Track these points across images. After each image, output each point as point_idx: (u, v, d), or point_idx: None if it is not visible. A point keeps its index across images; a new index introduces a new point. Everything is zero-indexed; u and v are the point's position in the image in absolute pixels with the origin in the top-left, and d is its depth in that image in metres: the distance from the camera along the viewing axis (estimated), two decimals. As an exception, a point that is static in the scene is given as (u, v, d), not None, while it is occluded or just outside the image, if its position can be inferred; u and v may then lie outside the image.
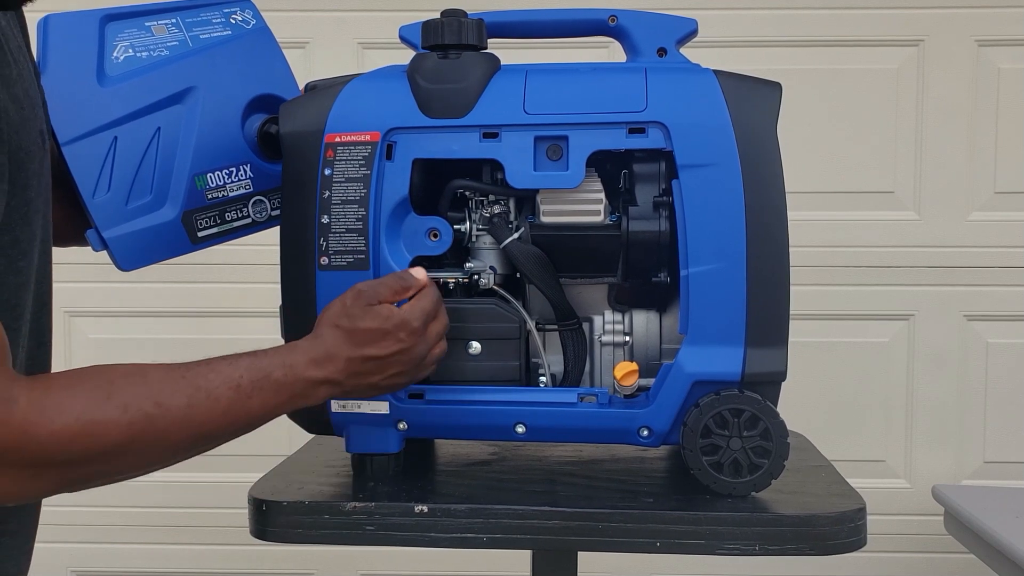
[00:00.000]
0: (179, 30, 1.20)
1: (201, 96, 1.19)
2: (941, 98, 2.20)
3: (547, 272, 1.16)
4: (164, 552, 2.32)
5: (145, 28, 1.19)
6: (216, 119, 1.20)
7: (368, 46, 2.22)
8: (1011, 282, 2.21)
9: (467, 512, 1.06)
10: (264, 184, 1.23)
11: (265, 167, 1.23)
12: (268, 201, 1.24)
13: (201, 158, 1.19)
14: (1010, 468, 2.25)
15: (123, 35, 1.17)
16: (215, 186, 1.20)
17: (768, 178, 1.10)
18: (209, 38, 1.22)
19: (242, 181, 1.22)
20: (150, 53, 1.18)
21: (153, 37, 1.19)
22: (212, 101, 1.20)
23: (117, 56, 1.16)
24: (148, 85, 1.17)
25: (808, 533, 1.04)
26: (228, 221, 1.21)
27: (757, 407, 1.08)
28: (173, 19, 1.21)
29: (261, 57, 1.25)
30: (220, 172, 1.21)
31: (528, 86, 1.13)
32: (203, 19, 1.22)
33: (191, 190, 1.19)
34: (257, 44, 1.26)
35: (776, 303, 1.10)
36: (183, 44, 1.20)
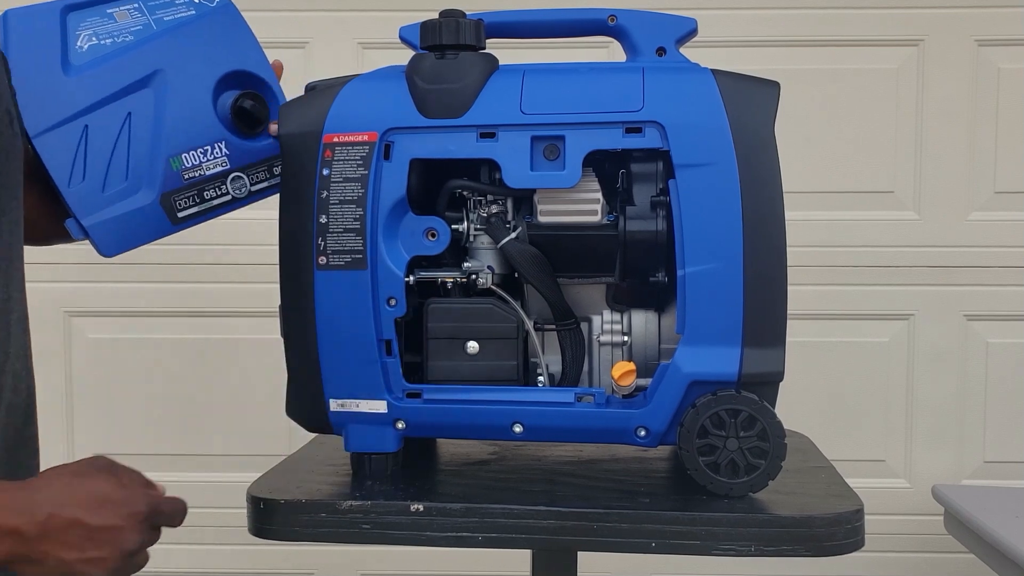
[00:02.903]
0: (142, 14, 1.20)
1: (169, 78, 1.20)
2: (941, 98, 2.20)
3: (544, 272, 1.16)
4: (164, 552, 2.32)
5: (107, 16, 1.19)
6: (186, 99, 1.21)
7: (368, 46, 2.22)
8: (1011, 282, 2.21)
9: (462, 511, 1.06)
10: (241, 160, 1.24)
11: (241, 143, 1.23)
12: (247, 176, 1.24)
13: (174, 139, 1.20)
14: (1010, 468, 2.25)
15: (85, 24, 1.18)
16: (191, 166, 1.21)
17: (766, 178, 1.10)
18: (173, 19, 1.22)
19: (218, 159, 1.22)
20: (114, 40, 1.19)
21: (116, 24, 1.19)
22: (180, 82, 1.20)
23: (81, 45, 1.17)
24: (114, 71, 1.18)
25: (804, 534, 1.04)
26: (208, 200, 1.22)
27: (754, 407, 1.08)
28: (135, 3, 1.21)
29: (227, 34, 1.25)
30: (195, 152, 1.21)
31: (525, 86, 1.13)
32: (166, 1, 1.22)
33: (167, 172, 1.19)
34: (222, 21, 1.25)
35: (773, 303, 1.10)
36: (147, 28, 1.20)
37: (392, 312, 1.13)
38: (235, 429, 2.23)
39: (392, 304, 1.13)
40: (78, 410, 2.30)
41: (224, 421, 2.25)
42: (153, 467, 2.39)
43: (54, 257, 1.77)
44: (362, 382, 1.14)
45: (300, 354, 1.16)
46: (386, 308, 1.13)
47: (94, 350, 2.28)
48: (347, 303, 1.13)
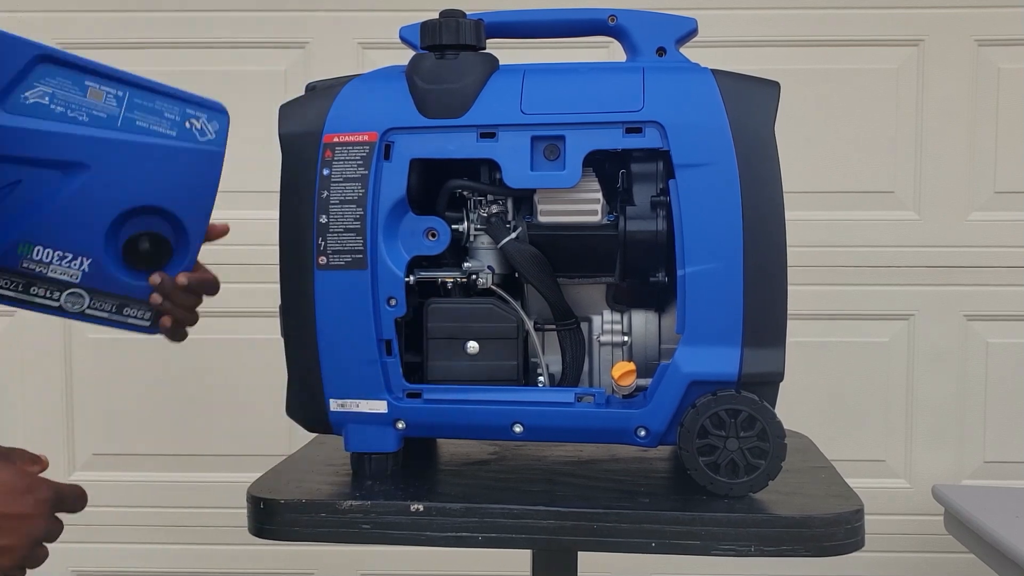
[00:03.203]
0: (117, 105, 1.07)
1: (88, 178, 1.08)
2: (941, 98, 2.20)
3: (545, 272, 1.16)
4: (164, 552, 2.32)
5: (80, 86, 1.06)
6: (87, 205, 1.09)
7: (368, 46, 2.22)
8: (1011, 282, 2.21)
9: (462, 511, 1.06)
10: (95, 283, 1.13)
11: (112, 271, 1.13)
12: (89, 298, 1.14)
13: (42, 230, 1.08)
14: (1010, 468, 2.25)
15: (50, 81, 1.05)
16: (37, 260, 1.10)
17: (766, 178, 1.10)
18: (145, 129, 1.09)
19: (71, 270, 1.11)
20: (65, 111, 1.06)
21: (82, 99, 1.06)
22: (96, 188, 1.08)
23: (27, 96, 1.04)
24: (37, 138, 1.05)
25: (804, 534, 1.04)
26: (31, 295, 1.11)
27: (754, 408, 1.08)
28: (121, 91, 1.07)
29: (189, 177, 1.12)
30: (53, 251, 1.10)
31: (525, 86, 1.13)
32: (155, 107, 1.09)
33: (7, 252, 1.08)
34: (195, 164, 1.12)
35: (773, 303, 1.10)
36: (110, 120, 1.07)
37: (392, 312, 1.13)
38: (235, 429, 2.23)
39: (392, 304, 1.13)
40: (78, 410, 2.30)
41: (224, 421, 2.25)
42: (153, 467, 2.40)
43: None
44: (362, 382, 1.14)
45: (300, 354, 1.16)
46: (386, 308, 1.14)
47: (94, 350, 2.28)
48: (347, 303, 1.13)
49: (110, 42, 2.24)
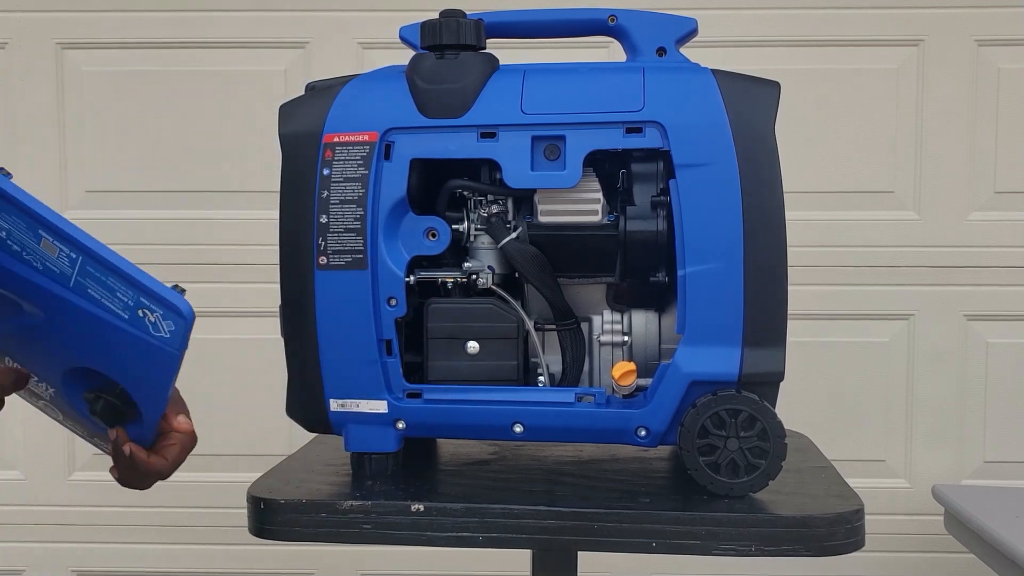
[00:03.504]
0: (70, 266, 0.95)
1: (42, 325, 0.98)
2: (941, 98, 2.20)
3: (545, 272, 1.16)
4: (164, 552, 2.32)
5: (34, 234, 0.94)
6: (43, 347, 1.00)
7: (368, 46, 2.22)
8: (1011, 282, 2.21)
9: (463, 511, 1.06)
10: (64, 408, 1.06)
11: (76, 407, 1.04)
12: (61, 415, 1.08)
13: (8, 345, 1.02)
14: (1010, 468, 2.25)
15: (6, 216, 0.93)
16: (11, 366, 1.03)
17: (766, 178, 1.10)
18: (97, 300, 0.96)
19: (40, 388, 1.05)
20: (21, 252, 0.94)
21: (36, 246, 0.94)
22: (50, 337, 0.99)
23: None
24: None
25: (805, 534, 1.04)
26: None
27: (754, 407, 1.08)
28: (75, 254, 0.94)
29: (140, 363, 0.98)
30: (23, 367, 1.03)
31: (526, 86, 1.13)
32: (108, 283, 0.95)
33: None
34: (146, 355, 0.97)
35: (774, 303, 1.10)
36: (63, 278, 0.95)
37: (392, 312, 1.13)
38: (235, 429, 2.23)
39: (392, 304, 1.13)
40: (78, 410, 2.29)
41: (224, 421, 2.25)
42: (153, 467, 2.34)
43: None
44: (362, 382, 1.14)
45: (300, 354, 1.16)
46: (386, 308, 1.14)
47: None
48: (347, 303, 1.13)
49: (110, 42, 2.24)
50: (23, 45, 2.25)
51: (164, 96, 2.26)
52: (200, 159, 2.26)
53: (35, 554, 2.32)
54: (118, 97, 2.26)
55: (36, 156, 2.26)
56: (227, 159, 2.25)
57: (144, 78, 2.26)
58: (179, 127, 2.25)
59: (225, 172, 2.25)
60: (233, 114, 2.24)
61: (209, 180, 2.25)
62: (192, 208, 2.24)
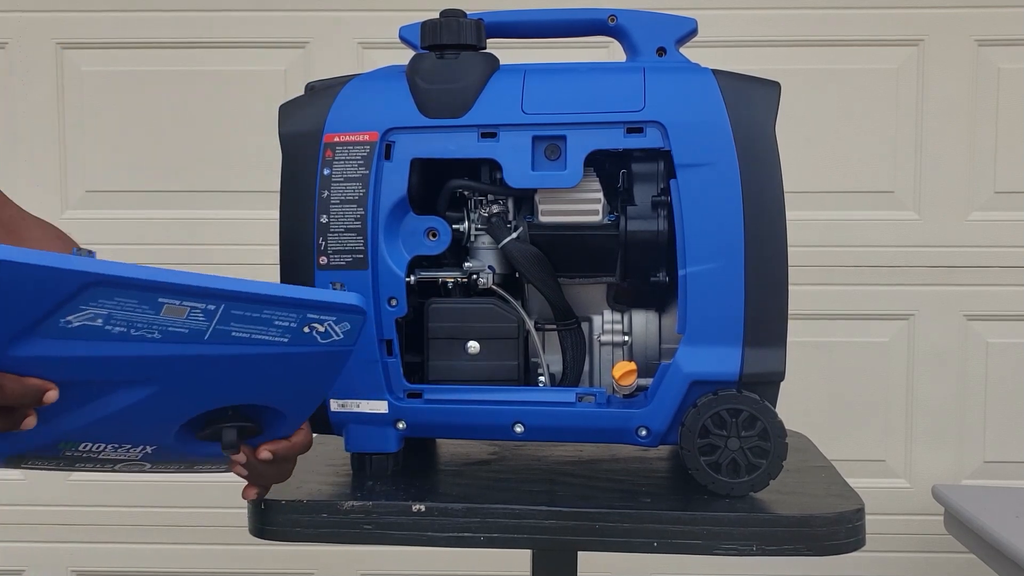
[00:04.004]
0: (206, 319, 0.84)
1: (158, 390, 0.88)
2: (941, 98, 2.20)
3: (545, 272, 1.16)
4: (164, 552, 2.32)
5: (154, 304, 0.82)
6: (150, 413, 0.90)
7: (368, 46, 2.22)
8: (1011, 282, 2.21)
9: (464, 511, 1.06)
10: (160, 458, 0.97)
11: (181, 450, 0.96)
12: (150, 466, 0.98)
13: (90, 433, 0.89)
14: (1010, 468, 2.25)
15: (108, 302, 0.80)
16: (84, 450, 0.91)
17: (767, 177, 1.10)
18: (244, 339, 0.87)
19: (130, 455, 0.94)
20: (127, 331, 0.82)
21: (154, 317, 0.83)
22: (168, 398, 0.89)
23: (71, 320, 0.79)
24: (80, 363, 0.82)
25: (805, 533, 1.04)
26: (75, 468, 0.95)
27: (755, 407, 1.08)
28: (213, 305, 0.84)
29: (298, 377, 0.93)
30: (106, 444, 0.92)
31: (526, 86, 1.13)
32: (261, 317, 0.87)
33: (47, 447, 0.89)
34: (309, 366, 0.92)
35: (774, 303, 1.10)
36: (194, 335, 0.85)
37: (393, 312, 1.13)
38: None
39: (393, 304, 1.13)
40: (78, 410, 2.29)
41: (224, 421, 2.25)
42: (153, 467, 2.33)
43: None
44: (363, 382, 1.14)
45: (301, 354, 1.16)
46: (387, 308, 1.13)
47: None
48: (348, 303, 1.13)
49: (110, 42, 2.24)
50: (23, 45, 2.25)
51: (164, 96, 2.26)
52: (200, 159, 2.26)
53: (35, 554, 2.32)
54: (118, 97, 2.26)
55: (36, 156, 2.26)
56: (227, 159, 2.25)
57: (144, 78, 2.26)
58: (179, 127, 2.25)
59: (225, 172, 2.25)
60: (233, 114, 2.24)
61: (209, 180, 2.25)
62: (192, 208, 2.24)
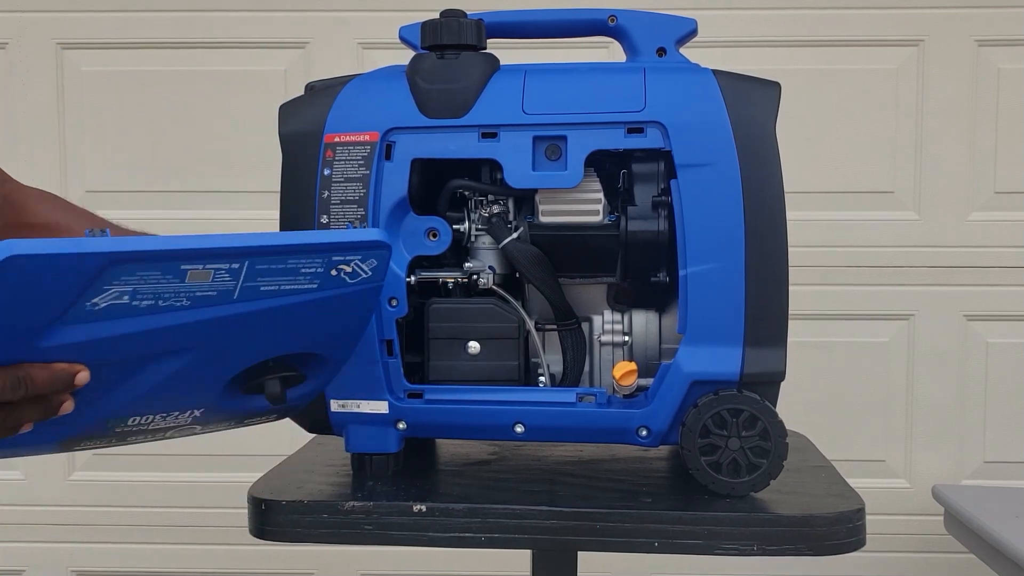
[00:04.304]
0: (232, 278, 0.83)
1: (196, 356, 0.87)
2: (941, 98, 2.20)
3: (546, 272, 1.16)
4: (164, 552, 2.32)
5: (177, 272, 0.80)
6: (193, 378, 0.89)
7: (368, 46, 2.22)
8: (1011, 282, 2.21)
9: (465, 512, 1.06)
10: (209, 419, 0.97)
11: (226, 406, 0.95)
12: (200, 428, 0.97)
13: (136, 406, 0.88)
14: (1010, 468, 2.25)
15: (130, 278, 0.78)
16: (131, 426, 0.90)
17: (767, 178, 1.10)
18: (273, 292, 0.86)
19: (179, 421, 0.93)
20: (156, 303, 0.81)
21: (179, 285, 0.81)
22: (207, 361, 0.88)
23: (98, 302, 0.78)
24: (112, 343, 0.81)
25: (806, 533, 1.04)
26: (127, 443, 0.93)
27: (756, 407, 1.08)
28: (236, 263, 0.83)
29: (333, 320, 0.92)
30: (154, 415, 0.90)
31: (527, 86, 1.13)
32: (287, 268, 0.86)
33: (95, 428, 0.88)
34: (342, 306, 0.92)
35: (775, 303, 1.10)
36: (222, 296, 0.84)
37: (393, 312, 1.13)
38: (235, 429, 2.23)
39: (393, 304, 1.13)
40: (78, 410, 2.29)
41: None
42: (155, 467, 2.40)
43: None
44: (363, 382, 1.14)
45: (301, 354, 1.16)
46: (387, 308, 1.13)
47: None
48: (348, 303, 1.13)
49: (110, 42, 2.24)
50: (23, 45, 2.25)
51: (164, 96, 2.26)
52: (200, 159, 2.26)
53: (35, 554, 2.32)
54: (118, 97, 2.26)
55: (36, 156, 2.26)
56: (227, 159, 2.25)
57: (144, 78, 2.26)
58: (179, 127, 2.25)
59: (225, 172, 2.25)
60: (233, 114, 2.24)
61: (209, 180, 2.25)
62: (192, 208, 2.24)
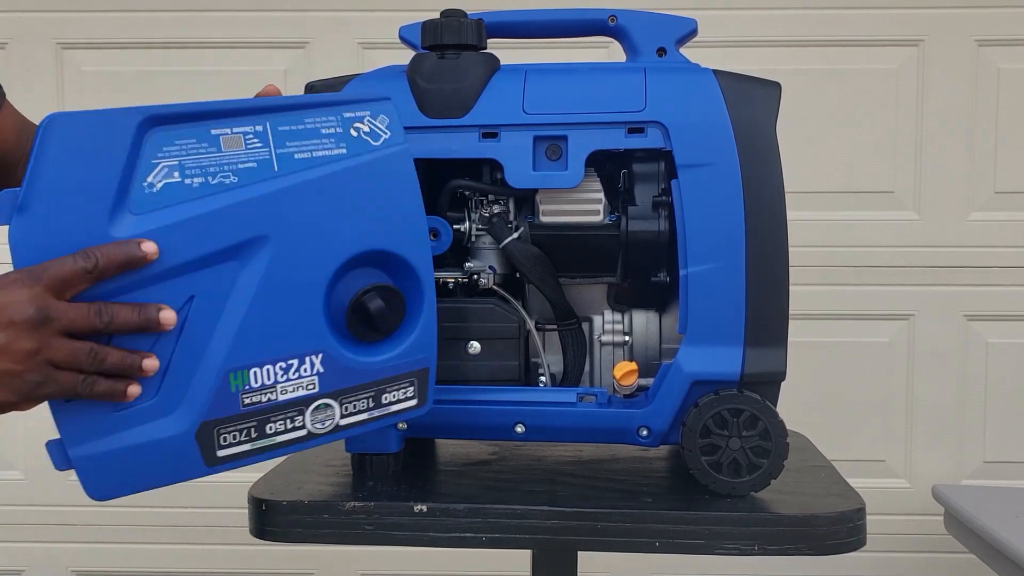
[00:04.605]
0: (263, 144, 0.83)
1: (271, 251, 0.84)
2: (941, 98, 2.20)
3: (546, 272, 1.16)
4: (164, 552, 2.32)
5: (210, 138, 0.81)
6: (286, 286, 0.85)
7: (368, 46, 2.22)
8: (1011, 282, 2.21)
9: (466, 512, 1.06)
10: (338, 382, 0.89)
11: (348, 357, 0.89)
12: (338, 405, 0.89)
13: (247, 344, 0.84)
14: (1010, 468, 2.25)
15: (171, 148, 0.80)
16: (259, 386, 0.86)
17: (767, 178, 1.10)
18: (308, 160, 0.85)
19: (305, 379, 0.87)
20: (206, 179, 0.81)
21: (220, 153, 0.81)
22: (287, 260, 0.84)
23: (152, 182, 0.79)
24: (189, 232, 0.81)
25: (807, 533, 1.04)
26: (270, 436, 0.87)
27: (756, 407, 1.08)
28: (259, 124, 0.82)
29: (384, 198, 0.88)
30: (273, 366, 0.86)
31: (527, 86, 1.13)
32: (308, 128, 0.85)
33: (220, 391, 0.85)
34: (383, 177, 0.88)
35: (775, 303, 1.10)
36: (264, 167, 0.83)
37: (394, 312, 1.13)
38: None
39: (394, 304, 1.13)
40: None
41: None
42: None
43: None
44: (364, 382, 1.14)
45: (302, 354, 1.16)
46: (388, 308, 1.13)
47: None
48: (349, 303, 1.13)
49: (110, 42, 2.24)
50: (23, 45, 2.25)
51: (164, 96, 2.25)
52: (200, 159, 2.25)
53: (35, 554, 2.32)
54: (118, 97, 2.26)
55: (36, 156, 2.26)
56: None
57: (144, 78, 2.25)
58: (179, 127, 2.25)
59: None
60: (233, 114, 2.24)
61: (209, 180, 2.25)
62: (192, 208, 2.24)
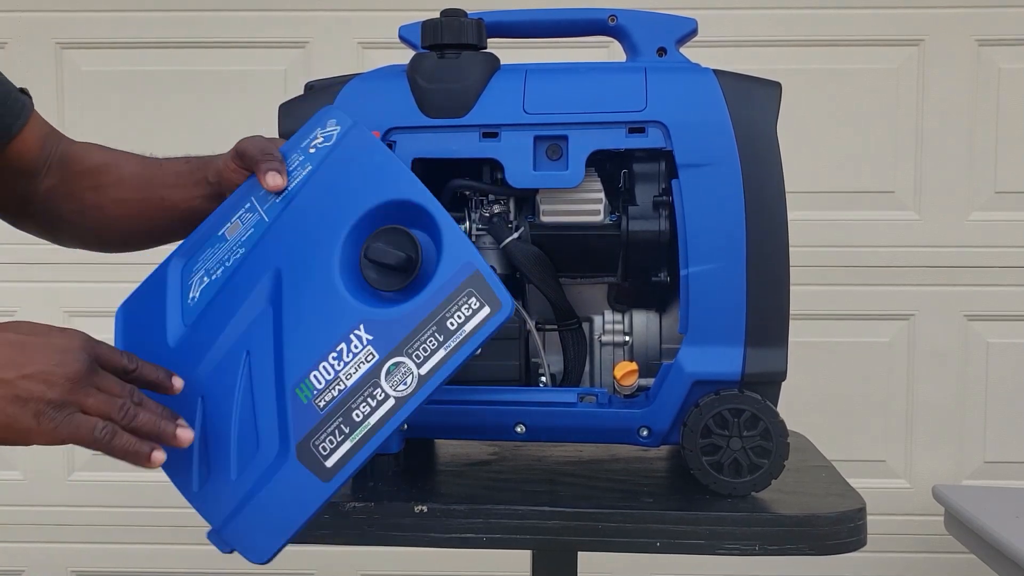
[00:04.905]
0: (253, 213, 0.95)
1: (285, 275, 0.91)
2: (941, 98, 2.20)
3: (547, 272, 1.16)
4: (164, 552, 2.32)
5: (218, 239, 0.95)
6: (304, 291, 0.90)
7: (368, 46, 2.22)
8: (1011, 282, 2.21)
9: (467, 512, 1.06)
10: (392, 338, 0.88)
11: (387, 311, 0.89)
12: (407, 358, 0.87)
13: (296, 359, 0.88)
14: (1010, 468, 2.25)
15: (199, 262, 0.95)
16: (324, 385, 0.87)
17: (768, 177, 1.10)
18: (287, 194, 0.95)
19: (360, 354, 0.87)
20: (224, 265, 0.93)
21: (226, 243, 0.94)
22: (299, 268, 0.91)
23: (193, 296, 0.93)
24: (225, 305, 0.91)
25: (808, 533, 1.04)
26: (358, 422, 0.87)
27: (757, 407, 1.08)
28: (246, 203, 0.95)
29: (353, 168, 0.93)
30: (326, 363, 0.87)
31: (528, 86, 1.13)
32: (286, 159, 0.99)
33: (296, 409, 0.87)
34: (345, 155, 0.94)
35: (776, 303, 1.10)
36: (259, 225, 0.94)
37: (394, 312, 1.13)
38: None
39: (394, 304, 1.13)
40: (78, 411, 2.29)
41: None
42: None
43: (54, 257, 1.77)
44: (364, 382, 1.14)
45: (302, 354, 1.15)
46: (388, 308, 1.13)
47: (94, 350, 2.27)
48: (349, 303, 1.13)
49: (110, 42, 2.24)
50: (23, 45, 2.25)
51: (164, 96, 2.26)
52: (200, 159, 2.25)
53: (35, 554, 2.32)
54: (118, 97, 2.26)
55: (36, 156, 2.26)
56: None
57: (144, 78, 2.25)
58: (179, 127, 2.25)
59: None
60: (233, 114, 2.24)
61: (209, 180, 2.25)
62: (192, 208, 2.24)
